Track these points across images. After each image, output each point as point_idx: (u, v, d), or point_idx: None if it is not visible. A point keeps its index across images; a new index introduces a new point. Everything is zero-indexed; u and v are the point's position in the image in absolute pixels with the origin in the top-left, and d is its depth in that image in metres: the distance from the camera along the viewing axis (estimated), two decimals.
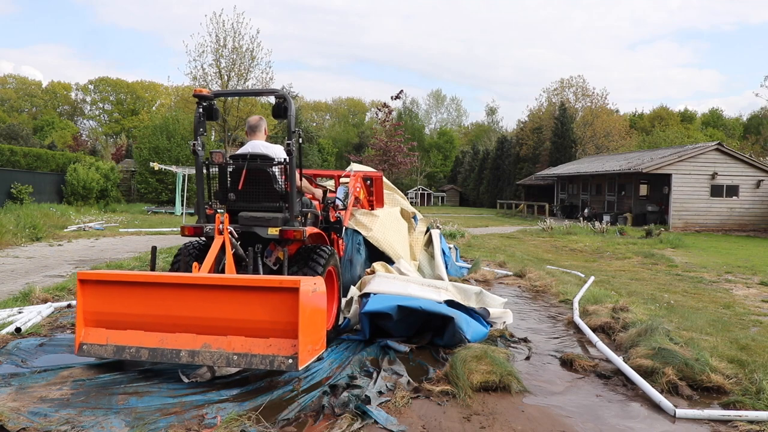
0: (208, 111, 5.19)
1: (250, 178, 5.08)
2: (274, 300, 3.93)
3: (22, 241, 13.93)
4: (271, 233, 4.89)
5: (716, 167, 27.59)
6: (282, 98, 4.95)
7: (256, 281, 4.05)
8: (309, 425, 3.61)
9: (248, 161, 5.06)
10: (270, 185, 5.07)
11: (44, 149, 33.41)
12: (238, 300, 4.00)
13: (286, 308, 3.88)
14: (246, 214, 5.03)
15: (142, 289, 4.18)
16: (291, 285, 3.86)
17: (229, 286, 4.03)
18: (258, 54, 31.42)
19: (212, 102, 5.23)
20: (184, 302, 4.09)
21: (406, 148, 28.90)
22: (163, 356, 4.01)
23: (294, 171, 4.98)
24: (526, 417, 3.87)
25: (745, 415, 3.84)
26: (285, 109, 4.93)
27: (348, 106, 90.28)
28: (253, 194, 5.12)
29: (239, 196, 5.15)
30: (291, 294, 3.85)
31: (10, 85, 78.79)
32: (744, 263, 13.84)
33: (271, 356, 3.87)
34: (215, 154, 5.10)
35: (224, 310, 4.02)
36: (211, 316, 4.04)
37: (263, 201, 5.11)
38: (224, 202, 5.23)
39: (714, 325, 6.47)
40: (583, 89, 54.65)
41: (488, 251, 14.13)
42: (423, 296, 5.57)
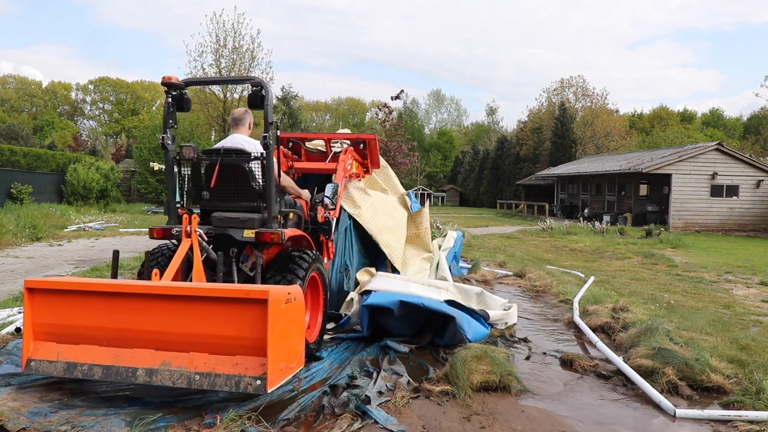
0: (179, 101, 4.75)
1: (225, 175, 4.66)
2: (240, 313, 3.54)
3: (22, 241, 13.93)
4: (247, 236, 4.47)
5: (716, 167, 27.59)
6: (258, 86, 4.51)
7: (219, 291, 3.60)
8: (309, 425, 3.61)
9: (221, 156, 4.64)
10: (247, 183, 4.63)
11: (44, 149, 33.41)
12: (200, 312, 3.60)
13: (253, 322, 3.48)
14: (220, 215, 4.61)
15: (96, 299, 3.78)
16: (258, 296, 3.45)
17: (189, 296, 3.62)
18: (258, 54, 31.47)
19: (183, 91, 4.78)
20: (141, 314, 3.69)
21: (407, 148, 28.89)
22: (117, 375, 3.62)
23: (271, 167, 4.52)
24: (526, 417, 3.87)
25: (745, 415, 3.85)
26: (262, 98, 4.50)
27: (348, 106, 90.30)
28: (229, 192, 4.70)
29: (213, 195, 4.73)
30: (259, 306, 3.46)
31: (10, 85, 78.79)
32: (744, 263, 13.84)
33: (237, 376, 3.47)
34: (186, 149, 4.68)
35: (185, 323, 3.62)
36: (172, 331, 3.64)
37: (239, 200, 4.68)
38: (198, 201, 4.82)
39: (714, 325, 6.47)
40: (583, 89, 54.68)
41: (488, 251, 14.13)
42: (424, 295, 5.55)
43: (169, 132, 4.71)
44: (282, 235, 4.45)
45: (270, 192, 4.54)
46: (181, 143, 4.61)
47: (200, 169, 4.75)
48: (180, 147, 4.70)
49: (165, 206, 4.86)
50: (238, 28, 30.86)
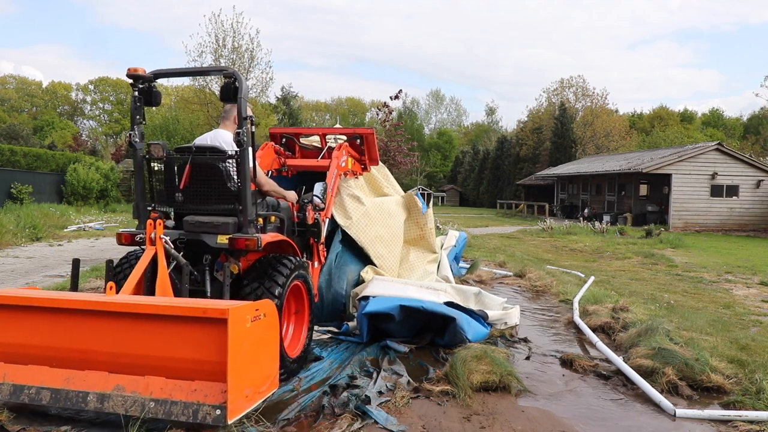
0: (147, 94, 4.37)
1: (199, 175, 4.32)
2: (197, 333, 3.20)
3: (22, 241, 13.93)
4: (221, 242, 4.11)
5: (716, 167, 27.59)
6: (231, 77, 4.16)
7: (174, 309, 3.26)
8: (309, 425, 3.62)
9: (193, 155, 4.28)
10: (222, 184, 4.27)
11: (44, 149, 33.41)
12: (155, 332, 3.28)
13: (212, 344, 3.16)
14: (192, 219, 4.24)
15: (44, 316, 3.46)
16: (217, 315, 3.11)
17: (142, 314, 3.30)
18: (258, 54, 31.47)
19: (152, 84, 4.41)
20: (93, 333, 3.39)
21: (407, 148, 28.90)
22: (67, 400, 3.31)
23: (246, 165, 4.14)
24: (526, 417, 3.87)
25: (745, 415, 3.85)
26: (235, 90, 4.15)
27: (348, 106, 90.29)
28: (203, 194, 4.33)
29: (187, 197, 4.36)
30: (217, 326, 3.11)
31: (10, 85, 78.79)
32: (744, 263, 13.84)
33: (194, 405, 3.15)
34: (154, 147, 4.33)
35: (140, 344, 3.31)
36: (126, 352, 3.33)
37: (214, 202, 4.31)
38: (171, 204, 4.47)
39: (714, 325, 6.47)
40: (583, 89, 54.66)
41: (488, 251, 14.13)
42: (423, 298, 5.54)
43: (137, 129, 4.35)
44: (258, 241, 4.07)
45: (245, 193, 4.17)
46: (149, 141, 4.36)
47: (173, 168, 4.42)
48: (148, 145, 4.37)
49: (134, 209, 4.51)
50: (237, 27, 30.90)
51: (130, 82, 4.34)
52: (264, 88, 32.13)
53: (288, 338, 4.48)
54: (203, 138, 4.65)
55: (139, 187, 4.41)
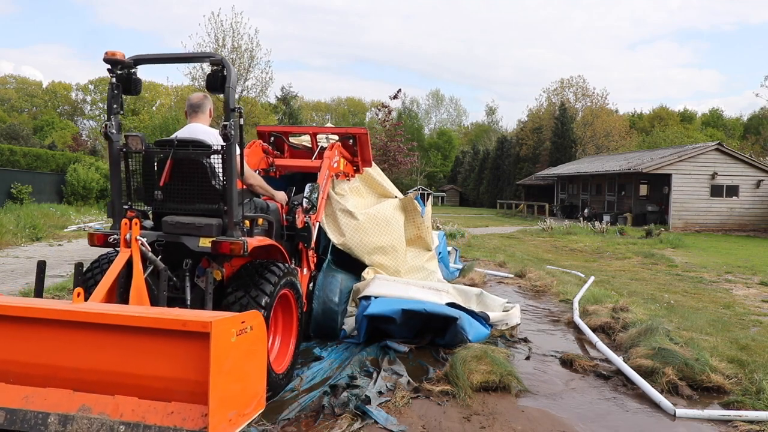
0: (126, 81, 3.98)
1: (180, 172, 3.96)
2: (175, 349, 2.83)
3: (22, 241, 13.93)
4: (202, 245, 3.77)
5: (716, 167, 27.59)
6: (219, 64, 3.81)
7: (150, 320, 2.86)
8: (309, 425, 3.62)
9: (174, 149, 3.93)
10: (206, 181, 3.92)
11: (44, 149, 33.42)
12: (127, 346, 2.90)
13: (192, 361, 2.80)
14: (172, 219, 3.91)
15: (2, 325, 3.07)
16: (198, 328, 2.74)
17: (114, 325, 2.90)
18: (257, 54, 31.48)
19: (131, 70, 4.01)
20: (57, 345, 3.00)
21: (406, 148, 28.91)
22: (25, 422, 2.89)
23: (233, 162, 3.80)
24: (526, 417, 3.87)
25: (745, 415, 3.85)
26: (223, 78, 3.79)
27: (348, 106, 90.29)
28: (184, 192, 3.98)
29: (167, 195, 4.01)
30: (199, 341, 2.75)
31: (10, 85, 78.80)
32: (744, 263, 13.85)
33: (171, 429, 2.80)
34: (132, 139, 3.98)
35: (110, 359, 2.92)
36: (94, 368, 2.94)
37: (197, 202, 3.97)
38: (150, 203, 4.14)
39: (714, 325, 6.47)
40: (583, 89, 54.67)
41: (488, 251, 14.13)
42: (425, 299, 5.51)
43: (113, 119, 3.94)
44: (244, 245, 3.71)
45: (231, 192, 3.81)
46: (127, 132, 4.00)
47: (153, 163, 4.05)
48: (126, 137, 4.01)
49: (108, 207, 4.10)
50: (236, 27, 30.90)
51: (108, 67, 3.92)
52: (264, 88, 32.16)
53: (274, 352, 4.18)
54: (178, 133, 4.32)
55: (115, 183, 4.04)
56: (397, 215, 7.22)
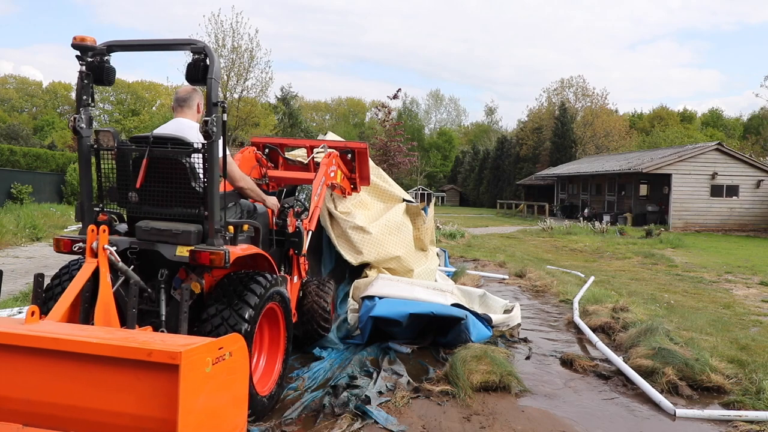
0: (97, 70, 3.57)
1: (157, 172, 3.58)
2: (139, 381, 2.40)
3: (22, 241, 13.93)
4: (179, 254, 3.41)
5: (716, 167, 27.59)
6: (201, 52, 3.40)
7: (110, 347, 2.43)
8: (310, 425, 3.62)
9: (150, 147, 3.54)
10: (186, 182, 3.54)
11: (44, 149, 33.42)
12: (84, 376, 2.47)
13: (158, 396, 2.38)
14: (146, 224, 3.52)
15: None
16: (165, 359, 2.34)
17: (67, 352, 2.47)
18: (257, 54, 31.47)
19: (103, 58, 3.60)
20: (4, 373, 2.58)
21: (406, 148, 28.92)
22: None
23: (214, 161, 3.41)
24: (526, 417, 3.87)
25: (745, 415, 3.85)
26: (204, 68, 3.39)
27: (348, 106, 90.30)
28: (162, 195, 3.60)
29: (143, 197, 3.62)
30: (166, 373, 2.34)
31: (10, 85, 78.82)
32: (744, 263, 13.85)
33: None
34: (103, 134, 3.64)
35: (64, 391, 2.49)
36: (45, 400, 2.51)
37: (176, 205, 3.58)
38: (124, 205, 3.75)
39: (714, 325, 6.48)
40: (583, 89, 54.69)
41: (488, 251, 14.14)
42: (430, 300, 5.46)
43: (83, 112, 3.55)
44: (225, 255, 3.33)
45: (212, 195, 3.42)
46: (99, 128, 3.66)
47: (127, 162, 3.66)
48: (96, 133, 3.66)
49: (76, 210, 3.71)
50: (236, 27, 30.90)
51: (77, 54, 3.53)
52: (264, 88, 32.12)
53: (258, 372, 3.80)
54: (164, 128, 3.97)
55: (85, 183, 3.68)
56: (405, 220, 7.20)
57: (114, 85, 37.09)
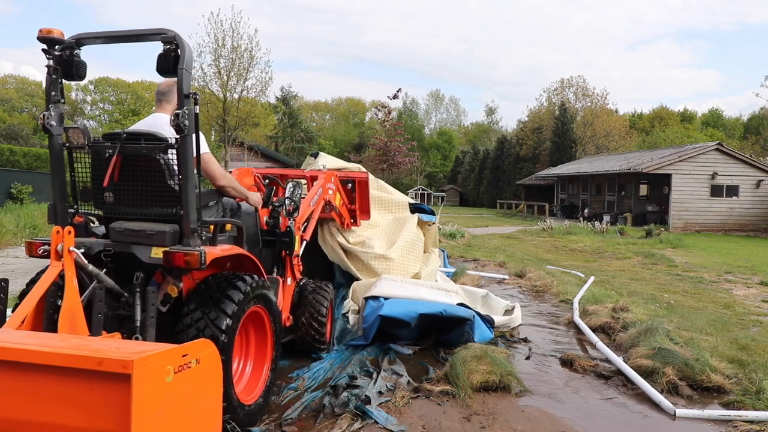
0: (66, 65, 3.39)
1: (132, 170, 3.44)
2: (91, 393, 2.20)
3: (23, 241, 13.93)
4: (155, 256, 3.26)
5: (716, 167, 27.59)
6: (171, 42, 3.20)
7: (57, 356, 2.24)
8: (310, 425, 3.62)
9: (122, 143, 3.40)
10: (161, 180, 3.40)
11: (44, 149, 33.41)
12: (31, 388, 2.27)
13: (110, 409, 2.17)
14: (120, 225, 3.39)
15: None
16: (116, 368, 2.13)
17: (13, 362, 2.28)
18: (257, 54, 31.45)
19: (72, 51, 3.42)
20: None
21: (406, 148, 28.96)
22: None
23: (188, 157, 3.26)
24: (526, 417, 3.87)
25: (745, 415, 3.85)
26: (175, 59, 3.19)
27: (348, 106, 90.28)
28: (137, 194, 3.46)
29: (118, 197, 3.50)
30: (117, 384, 2.13)
31: (10, 85, 78.84)
32: (744, 263, 13.85)
33: None
34: (72, 131, 3.49)
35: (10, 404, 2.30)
36: None
37: (151, 205, 3.45)
38: (100, 206, 3.61)
39: (714, 325, 6.48)
40: (583, 89, 54.68)
41: (488, 251, 14.13)
42: (437, 300, 5.42)
43: (53, 109, 3.39)
44: (201, 256, 3.16)
45: (187, 193, 3.26)
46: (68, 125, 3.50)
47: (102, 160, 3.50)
48: (65, 130, 3.50)
49: (49, 211, 3.54)
50: (236, 27, 30.88)
51: (43, 47, 3.35)
52: (264, 88, 32.09)
53: (243, 380, 3.62)
54: (141, 123, 3.89)
55: (57, 183, 3.51)
56: (419, 232, 7.15)
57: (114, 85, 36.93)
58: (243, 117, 31.71)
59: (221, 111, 31.14)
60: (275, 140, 52.22)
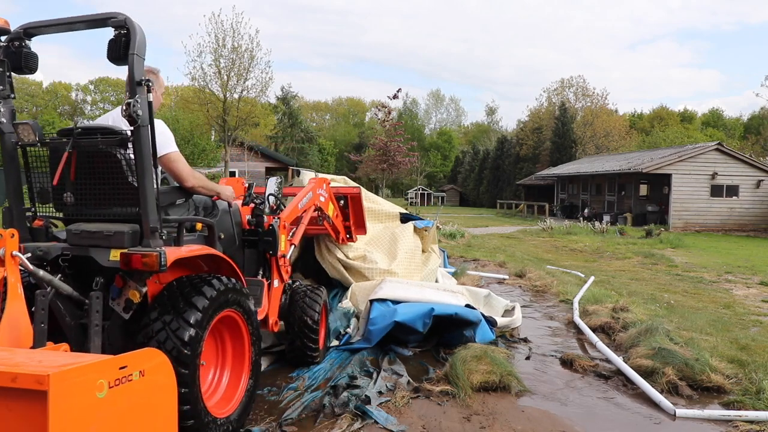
0: (15, 57, 3.21)
1: (89, 167, 3.20)
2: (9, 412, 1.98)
3: None
4: (113, 259, 3.02)
5: (716, 167, 27.58)
6: (121, 26, 2.93)
7: None
8: (310, 425, 3.62)
9: (74, 138, 3.15)
10: (122, 178, 3.17)
11: None
12: None
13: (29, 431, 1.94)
14: (76, 227, 3.17)
15: None
16: (32, 384, 1.90)
17: None
18: (257, 54, 31.45)
19: (21, 42, 3.23)
20: None
21: (406, 148, 28.95)
22: None
23: (144, 150, 2.98)
24: (526, 417, 3.87)
25: (745, 415, 3.85)
26: (126, 44, 2.91)
27: (348, 106, 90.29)
28: (97, 193, 3.23)
29: (78, 197, 3.25)
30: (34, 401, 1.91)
31: None
32: (744, 263, 13.85)
33: None
34: (22, 128, 3.30)
35: None
36: None
37: (113, 204, 3.22)
38: (59, 207, 3.38)
39: (714, 325, 6.47)
40: (583, 89, 54.66)
41: (488, 251, 14.13)
42: (445, 301, 5.39)
43: (2, 104, 3.24)
44: (160, 257, 2.87)
45: (144, 189, 3.00)
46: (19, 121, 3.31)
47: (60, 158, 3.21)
48: (14, 126, 3.32)
49: (4, 214, 3.36)
50: (236, 27, 30.87)
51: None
52: (264, 88, 32.08)
53: (218, 392, 3.38)
54: (105, 117, 3.65)
55: (11, 183, 3.31)
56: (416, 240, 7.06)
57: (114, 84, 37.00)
58: (243, 117, 31.70)
59: (221, 111, 31.14)
60: (275, 140, 52.20)
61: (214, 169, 32.94)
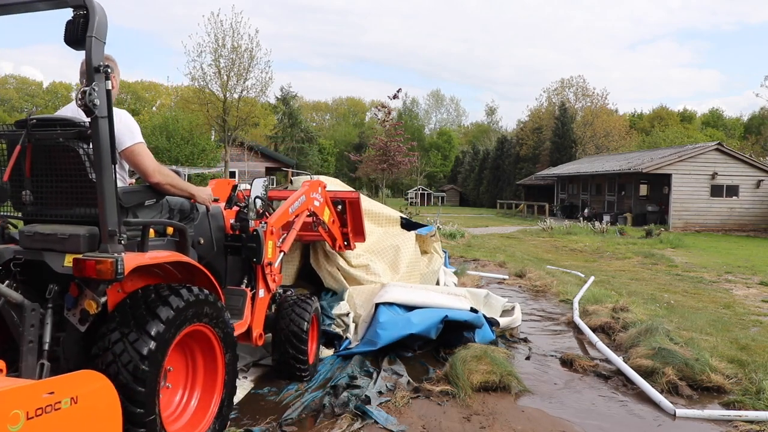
0: None
1: (48, 163, 2.92)
2: None
3: None
4: (68, 265, 2.73)
5: (716, 167, 27.57)
6: (80, 7, 2.59)
7: None
8: (310, 425, 3.62)
9: (28, 130, 2.87)
10: (81, 174, 2.86)
11: None
12: None
13: None
14: (30, 229, 2.90)
15: None
16: None
17: None
18: (257, 54, 31.45)
19: None
20: None
21: (406, 148, 28.94)
22: None
23: (102, 143, 2.64)
24: (526, 417, 3.87)
25: (745, 415, 3.85)
26: (84, 26, 2.57)
27: (348, 106, 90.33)
28: (55, 191, 2.95)
29: (37, 195, 2.98)
30: None
31: (10, 85, 78.86)
32: (744, 263, 13.85)
33: None
34: None
35: None
36: None
37: (72, 204, 2.93)
38: (19, 207, 3.10)
39: (714, 325, 6.47)
40: (583, 89, 54.67)
41: (488, 251, 14.13)
42: (450, 305, 5.37)
43: None
44: (116, 264, 2.56)
45: (102, 187, 2.66)
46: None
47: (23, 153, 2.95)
48: None
49: None
50: (236, 27, 30.87)
51: None
52: (264, 88, 32.08)
53: (186, 414, 3.07)
54: (65, 109, 3.33)
55: None
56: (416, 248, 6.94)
57: None
58: (243, 117, 31.69)
59: (221, 111, 31.13)
60: (275, 140, 52.22)
61: (214, 169, 32.93)
